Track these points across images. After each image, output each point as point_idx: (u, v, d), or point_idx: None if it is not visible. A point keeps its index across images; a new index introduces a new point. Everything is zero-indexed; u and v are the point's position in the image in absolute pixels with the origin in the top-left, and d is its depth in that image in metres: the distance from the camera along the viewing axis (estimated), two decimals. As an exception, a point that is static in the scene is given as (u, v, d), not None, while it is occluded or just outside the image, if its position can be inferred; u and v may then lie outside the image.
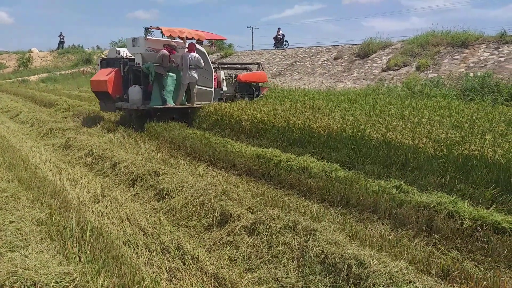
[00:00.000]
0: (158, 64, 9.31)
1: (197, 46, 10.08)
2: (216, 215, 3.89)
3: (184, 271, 3.09)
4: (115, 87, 9.95)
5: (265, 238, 3.36)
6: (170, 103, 9.62)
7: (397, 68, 16.45)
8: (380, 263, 2.71)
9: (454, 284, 2.76)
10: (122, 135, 8.52)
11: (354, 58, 19.03)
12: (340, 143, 6.63)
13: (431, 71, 15.32)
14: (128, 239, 3.61)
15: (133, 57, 10.04)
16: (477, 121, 7.06)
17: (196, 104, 10.10)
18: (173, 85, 9.67)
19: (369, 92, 13.73)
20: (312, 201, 4.84)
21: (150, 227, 3.84)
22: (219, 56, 28.28)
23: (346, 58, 19.45)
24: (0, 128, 9.33)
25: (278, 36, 26.45)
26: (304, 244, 3.15)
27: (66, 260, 2.86)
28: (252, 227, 3.50)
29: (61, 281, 2.53)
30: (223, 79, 11.33)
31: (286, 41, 26.61)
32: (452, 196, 4.43)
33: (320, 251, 3.00)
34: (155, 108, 9.47)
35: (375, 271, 2.65)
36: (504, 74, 12.92)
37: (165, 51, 9.37)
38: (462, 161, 5.18)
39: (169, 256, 3.30)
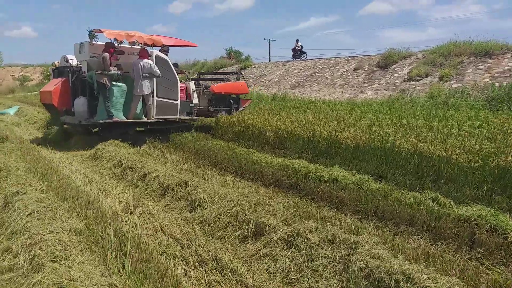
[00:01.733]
0: (99, 72, 8.12)
1: (157, 52, 8.90)
2: (251, 226, 3.84)
3: (224, 284, 3.05)
4: (61, 98, 8.80)
5: (304, 251, 3.30)
6: (119, 118, 8.41)
7: (419, 78, 16.24)
8: (429, 279, 2.62)
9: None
10: (148, 146, 8.60)
11: (375, 69, 18.89)
12: (369, 154, 6.53)
13: (454, 81, 15.07)
14: (164, 250, 3.59)
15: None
16: (509, 132, 6.87)
17: (156, 118, 8.93)
18: (122, 96, 8.47)
19: (391, 103, 13.57)
20: (345, 214, 4.75)
21: (185, 238, 3.82)
22: (237, 68, 28.49)
23: (366, 69, 19.33)
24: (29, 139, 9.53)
25: (297, 47, 26.54)
26: (346, 257, 3.08)
27: (108, 271, 2.85)
28: (290, 239, 3.44)
29: (106, 293, 2.52)
30: (194, 91, 10.10)
31: (304, 52, 26.68)
32: (491, 209, 4.29)
33: (364, 265, 2.92)
34: (101, 123, 8.40)
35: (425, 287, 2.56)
36: (532, 84, 12.60)
37: (105, 54, 8.18)
38: (498, 173, 5.03)
39: (207, 268, 3.26)
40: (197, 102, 10.14)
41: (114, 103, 8.30)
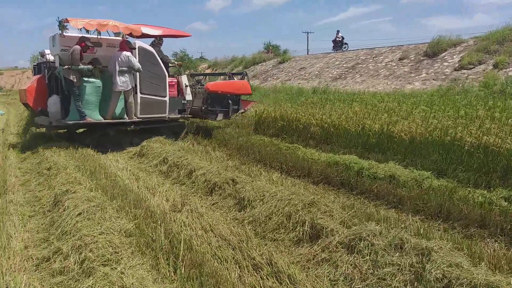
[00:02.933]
0: (67, 67, 7.26)
1: (140, 44, 8.03)
2: (306, 228, 3.59)
3: (282, 292, 2.82)
4: (36, 97, 7.88)
5: (368, 257, 3.00)
6: (93, 118, 7.54)
7: (471, 66, 15.23)
8: (524, 294, 2.25)
9: None
10: (191, 142, 8.53)
11: (422, 58, 17.95)
12: (426, 149, 6.08)
13: (511, 68, 13.99)
14: (215, 252, 3.41)
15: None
16: None
17: (141, 117, 8.08)
18: (95, 93, 7.57)
19: (442, 93, 12.79)
20: (406, 213, 4.39)
21: (236, 240, 3.62)
22: (276, 62, 28.15)
23: (412, 58, 18.42)
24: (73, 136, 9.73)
25: (338, 38, 25.78)
26: (418, 265, 2.75)
27: (161, 277, 2.70)
28: (351, 243, 3.15)
29: (159, 301, 2.36)
30: (186, 86, 9.01)
31: (345, 43, 25.87)
32: None
33: (440, 275, 2.59)
34: (71, 124, 7.57)
35: (520, 304, 2.20)
36: None
37: (75, 47, 7.38)
38: None
39: (262, 274, 3.04)
40: (191, 99, 9.09)
41: (86, 101, 7.42)
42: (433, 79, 15.86)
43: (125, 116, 7.95)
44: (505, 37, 15.64)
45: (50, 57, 8.31)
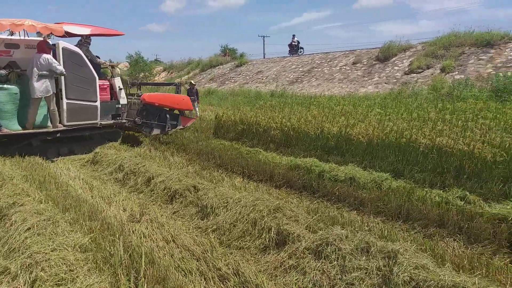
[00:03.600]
0: None
1: (64, 44, 7.24)
2: (273, 234, 3.51)
3: (250, 303, 2.72)
4: None
5: (335, 262, 2.97)
6: (10, 128, 6.80)
7: (420, 70, 15.98)
8: (489, 293, 2.31)
9: None
10: (148, 148, 8.24)
11: (374, 62, 18.60)
12: (383, 151, 6.23)
13: (456, 72, 14.82)
14: (179, 264, 3.26)
15: None
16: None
17: (68, 125, 7.34)
18: (12, 101, 6.85)
19: (394, 96, 13.29)
20: (367, 215, 4.45)
21: (200, 250, 3.48)
22: (233, 65, 28.10)
23: (365, 63, 19.03)
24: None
25: (293, 43, 26.16)
26: (385, 269, 2.76)
27: (121, 295, 2.52)
28: (319, 249, 3.12)
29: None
30: (120, 89, 8.23)
31: (301, 47, 26.32)
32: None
33: (408, 278, 2.60)
34: None
35: (485, 304, 2.25)
36: (537, 73, 12.37)
37: None
38: (527, 167, 4.75)
39: (229, 285, 2.93)
40: (125, 102, 8.33)
41: (2, 110, 6.69)
42: (385, 83, 16.46)
43: (49, 125, 7.23)
44: (451, 42, 16.56)
45: None
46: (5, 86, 6.76)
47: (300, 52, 26.15)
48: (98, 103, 7.69)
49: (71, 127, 7.42)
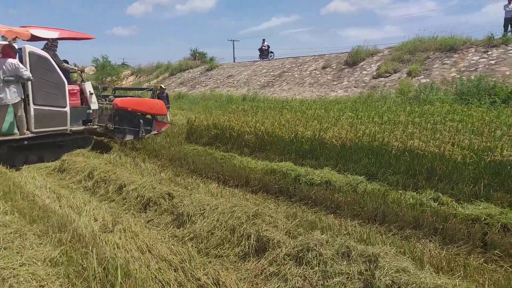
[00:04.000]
0: None
1: (30, 48, 7.06)
2: (252, 241, 3.45)
3: (232, 313, 2.65)
4: None
5: (317, 267, 2.95)
6: None
7: (387, 74, 16.40)
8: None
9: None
10: (118, 154, 7.99)
11: (343, 67, 18.94)
12: (356, 154, 6.31)
13: (422, 76, 15.30)
14: (155, 275, 3.14)
15: None
16: (493, 125, 6.86)
17: (35, 132, 7.07)
18: None
19: (364, 100, 13.56)
20: (344, 218, 4.47)
21: (177, 259, 3.38)
22: (203, 69, 27.92)
23: (334, 67, 19.35)
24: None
25: (263, 47, 26.30)
26: (367, 273, 2.76)
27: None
28: (300, 255, 3.09)
29: None
30: (91, 94, 8.00)
31: (271, 52, 26.49)
32: (497, 207, 4.14)
33: (390, 282, 2.61)
34: None
35: (467, 305, 2.28)
36: (497, 77, 12.95)
37: None
38: (495, 168, 4.92)
39: (210, 295, 2.85)
40: (97, 108, 8.04)
41: None
42: (354, 87, 16.78)
43: (16, 132, 6.94)
44: (416, 47, 17.10)
45: None
46: None
47: (271, 56, 26.32)
48: (67, 109, 7.48)
49: (39, 133, 7.15)
